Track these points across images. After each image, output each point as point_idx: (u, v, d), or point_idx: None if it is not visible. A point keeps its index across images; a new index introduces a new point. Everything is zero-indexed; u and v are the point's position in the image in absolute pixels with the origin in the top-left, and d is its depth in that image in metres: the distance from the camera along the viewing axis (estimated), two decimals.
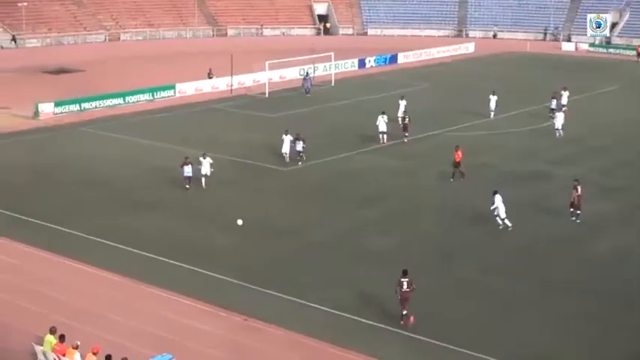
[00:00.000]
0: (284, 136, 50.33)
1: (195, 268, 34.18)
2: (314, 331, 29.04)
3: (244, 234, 37.62)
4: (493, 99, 63.57)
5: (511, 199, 43.28)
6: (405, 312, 29.68)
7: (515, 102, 68.04)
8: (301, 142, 49.67)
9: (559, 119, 57.66)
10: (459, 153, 46.63)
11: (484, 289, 32.72)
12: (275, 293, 31.96)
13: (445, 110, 66.96)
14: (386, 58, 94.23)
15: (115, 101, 67.99)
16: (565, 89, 66.44)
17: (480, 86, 74.13)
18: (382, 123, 55.37)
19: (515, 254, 36.36)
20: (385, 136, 55.48)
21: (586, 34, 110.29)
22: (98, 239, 37.36)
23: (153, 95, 70.79)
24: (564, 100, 65.39)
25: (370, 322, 29.87)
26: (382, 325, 29.62)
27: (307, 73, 77.35)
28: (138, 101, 69.20)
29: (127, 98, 68.87)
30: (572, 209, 40.37)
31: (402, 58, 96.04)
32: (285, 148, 50.09)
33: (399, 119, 59.54)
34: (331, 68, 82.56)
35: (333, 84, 79.09)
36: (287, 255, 36.07)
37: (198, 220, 40.37)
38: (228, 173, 48.22)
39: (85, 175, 47.76)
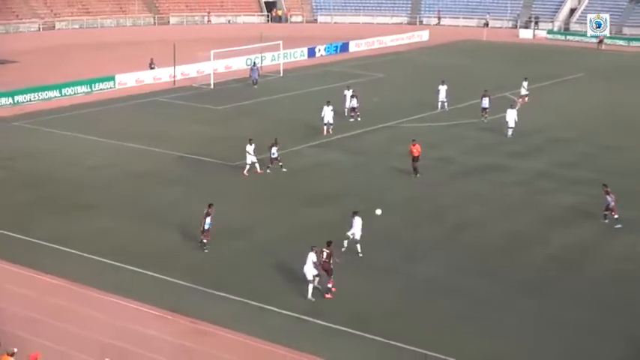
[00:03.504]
0: (248, 145, 46.66)
1: (142, 270, 34.03)
2: (267, 335, 29.05)
3: (194, 234, 37.47)
4: (443, 89, 63.95)
5: (470, 194, 44.24)
6: (319, 284, 31.89)
7: (470, 92, 68.65)
8: (276, 148, 47.15)
9: (510, 115, 55.56)
10: (417, 147, 46.81)
11: (448, 289, 32.98)
12: (226, 295, 31.94)
13: (399, 101, 67.54)
14: (337, 47, 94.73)
15: (51, 94, 67.49)
16: (525, 79, 67.46)
17: (435, 76, 74.69)
18: (328, 113, 55.70)
19: (471, 252, 36.65)
20: (331, 127, 55.86)
21: (546, 21, 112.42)
22: (38, 241, 37.00)
23: (91, 87, 70.34)
24: (523, 91, 66.33)
25: (328, 325, 29.95)
26: (340, 327, 29.69)
27: (254, 62, 77.44)
28: (75, 94, 68.74)
29: (64, 90, 68.42)
30: (606, 212, 40.05)
31: (354, 47, 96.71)
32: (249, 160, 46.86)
33: (346, 111, 60.30)
34: (280, 58, 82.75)
35: (281, 74, 79.34)
36: (238, 256, 35.99)
37: (145, 220, 40.15)
38: (176, 170, 48.23)
39: (20, 173, 47.34)
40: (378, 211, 37.75)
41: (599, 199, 41.08)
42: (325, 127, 55.81)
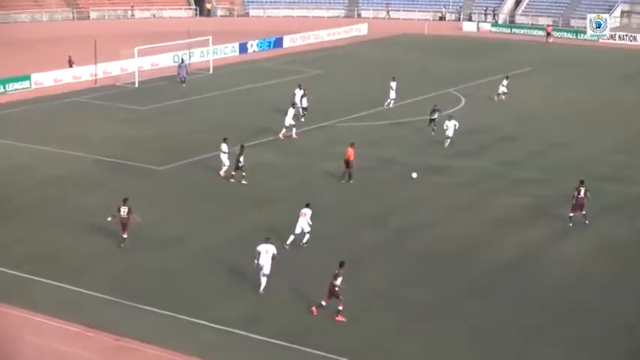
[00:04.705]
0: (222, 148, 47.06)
1: (59, 284, 33.30)
2: (198, 350, 28.57)
3: (115, 243, 36.85)
4: (393, 85, 63.94)
5: (414, 195, 44.17)
6: (324, 303, 31.05)
7: (415, 89, 68.80)
8: (242, 156, 46.13)
9: (450, 127, 53.88)
10: (352, 151, 46.20)
11: (384, 298, 32.88)
12: (153, 309, 31.37)
13: (339, 99, 67.25)
14: (270, 42, 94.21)
15: None
16: (507, 78, 68.08)
17: (375, 72, 74.77)
18: (290, 116, 55.09)
19: (416, 259, 36.57)
20: (293, 129, 55.25)
21: (490, 13, 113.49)
22: None
23: (4, 87, 68.94)
24: (501, 89, 66.94)
25: (264, 339, 29.56)
26: (277, 341, 29.38)
27: (182, 59, 76.75)
28: None
29: None
30: (572, 212, 40.16)
31: (288, 42, 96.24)
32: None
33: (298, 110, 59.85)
34: (209, 54, 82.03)
35: (211, 71, 78.67)
36: (166, 267, 35.38)
37: (62, 227, 39.36)
38: (96, 174, 47.40)
39: None
40: (414, 175, 44.48)
41: (547, 199, 41.34)
42: (285, 129, 54.98)
